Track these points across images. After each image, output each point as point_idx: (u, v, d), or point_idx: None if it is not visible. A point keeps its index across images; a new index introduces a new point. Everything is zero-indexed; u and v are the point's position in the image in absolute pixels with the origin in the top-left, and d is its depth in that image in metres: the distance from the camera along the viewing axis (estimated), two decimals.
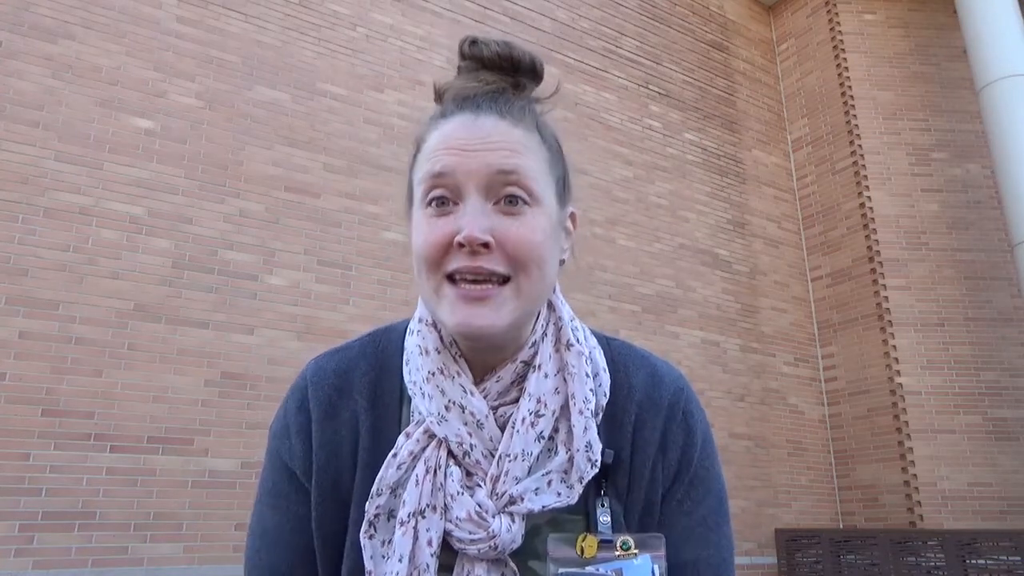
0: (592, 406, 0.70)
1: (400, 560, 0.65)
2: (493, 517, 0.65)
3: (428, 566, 0.65)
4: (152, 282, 4.57)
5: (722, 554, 0.74)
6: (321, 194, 5.37)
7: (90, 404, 4.21)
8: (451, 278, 0.66)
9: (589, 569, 0.65)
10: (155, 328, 4.51)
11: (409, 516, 0.65)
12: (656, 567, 0.66)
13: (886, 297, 7.43)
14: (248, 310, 4.85)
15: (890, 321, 7.35)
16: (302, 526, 0.72)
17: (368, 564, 0.66)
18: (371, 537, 0.67)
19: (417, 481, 0.66)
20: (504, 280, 0.66)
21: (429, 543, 0.65)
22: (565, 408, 0.70)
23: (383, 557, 0.66)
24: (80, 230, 4.43)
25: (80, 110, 4.62)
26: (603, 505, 0.69)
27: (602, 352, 0.76)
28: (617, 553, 0.66)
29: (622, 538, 0.67)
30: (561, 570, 0.65)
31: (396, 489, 0.68)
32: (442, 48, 6.26)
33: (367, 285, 5.36)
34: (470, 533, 0.65)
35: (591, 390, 0.71)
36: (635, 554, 0.66)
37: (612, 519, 0.70)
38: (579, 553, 0.66)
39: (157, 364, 4.45)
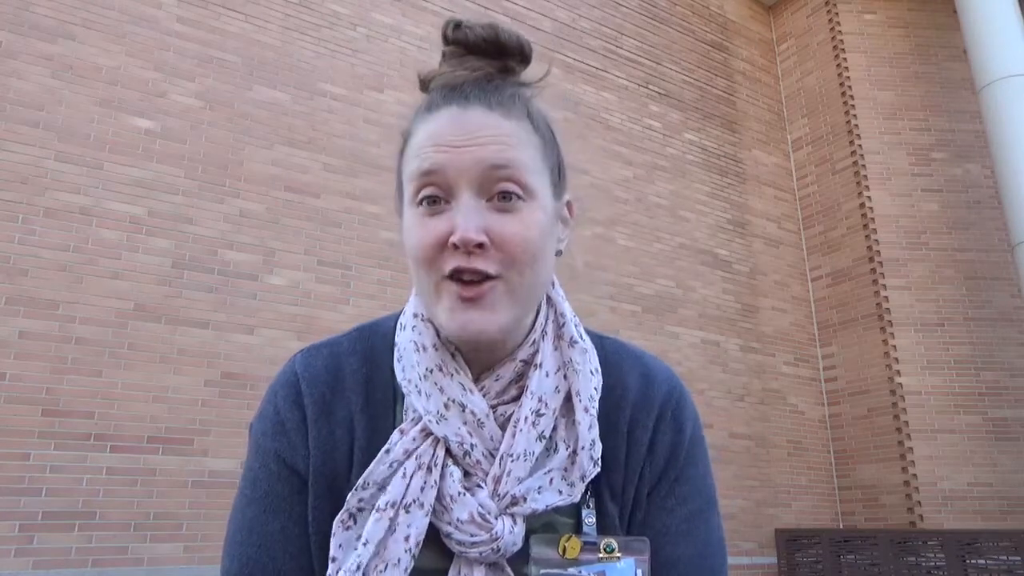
0: (596, 404, 0.69)
1: (365, 544, 0.62)
2: (496, 518, 0.63)
3: (399, 561, 0.62)
4: (152, 282, 4.57)
5: (708, 554, 0.71)
6: (321, 194, 5.37)
7: (90, 404, 4.21)
8: (448, 278, 0.64)
9: (571, 571, 0.64)
10: (155, 328, 4.51)
11: (387, 505, 0.63)
12: (640, 571, 0.65)
13: (886, 297, 7.43)
14: (248, 310, 4.85)
15: (890, 321, 7.35)
16: (305, 528, 0.69)
17: (335, 551, 0.64)
18: (348, 528, 0.65)
19: (404, 474, 0.64)
20: (499, 279, 0.64)
21: (406, 539, 0.62)
22: (564, 406, 0.69)
23: (353, 549, 0.64)
24: (80, 230, 4.43)
25: (80, 110, 4.63)
26: (588, 506, 0.68)
27: (595, 352, 0.74)
28: (600, 555, 0.65)
29: (606, 540, 0.65)
30: (543, 571, 0.64)
31: (384, 486, 0.65)
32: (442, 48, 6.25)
33: (367, 285, 5.36)
34: (471, 535, 0.63)
35: (595, 388, 0.70)
36: (618, 557, 0.65)
37: (608, 521, 0.68)
38: (561, 554, 0.64)
39: (157, 364, 4.45)
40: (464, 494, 0.64)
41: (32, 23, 4.62)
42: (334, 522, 0.65)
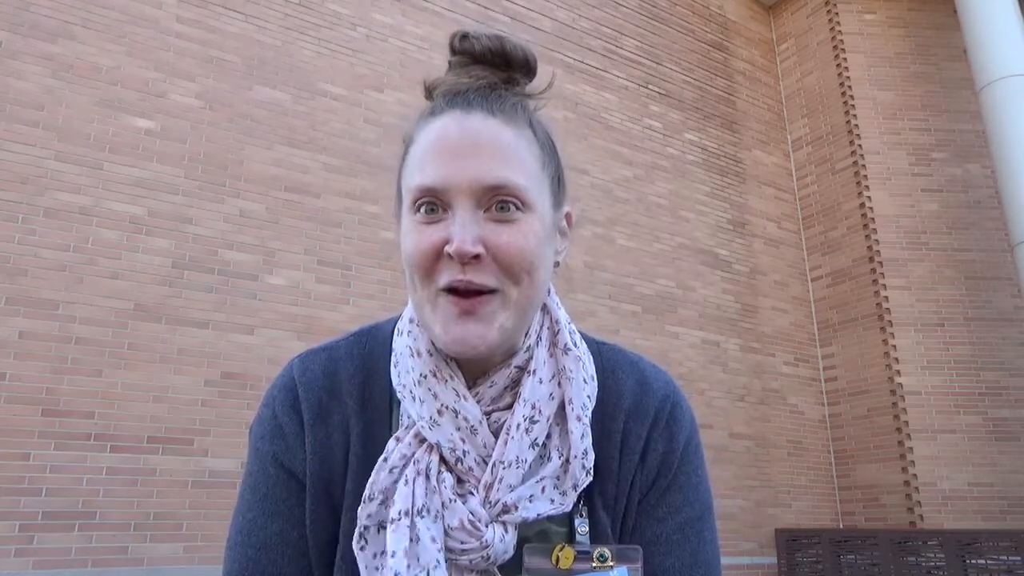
0: (589, 413, 0.69)
1: (393, 556, 0.61)
2: (486, 526, 0.63)
3: (439, 562, 0.61)
4: (152, 282, 4.57)
5: (699, 564, 0.70)
6: (321, 194, 5.37)
7: (90, 404, 4.21)
8: (443, 291, 0.64)
9: None
10: (155, 328, 4.51)
11: (399, 514, 0.63)
12: None
13: (886, 297, 7.43)
14: (248, 310, 4.85)
15: (890, 321, 7.35)
16: (304, 532, 0.70)
17: (364, 575, 0.64)
18: (363, 549, 0.64)
19: (407, 481, 0.64)
20: (495, 292, 0.64)
21: (433, 540, 0.62)
22: (559, 414, 0.68)
23: (376, 569, 0.63)
24: (80, 230, 4.43)
25: (80, 110, 4.63)
26: (582, 515, 0.68)
27: (592, 359, 0.74)
28: (593, 565, 0.64)
29: (599, 549, 0.65)
30: None
31: (388, 497, 0.65)
32: (442, 48, 6.24)
33: (367, 285, 5.36)
34: (462, 543, 0.62)
35: (588, 396, 0.70)
36: (611, 567, 0.64)
37: (601, 530, 0.68)
38: (554, 563, 0.64)
39: (157, 364, 4.46)
40: (455, 501, 0.64)
41: (32, 23, 4.62)
42: (353, 546, 0.64)
